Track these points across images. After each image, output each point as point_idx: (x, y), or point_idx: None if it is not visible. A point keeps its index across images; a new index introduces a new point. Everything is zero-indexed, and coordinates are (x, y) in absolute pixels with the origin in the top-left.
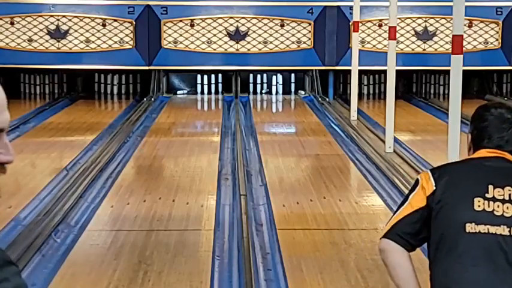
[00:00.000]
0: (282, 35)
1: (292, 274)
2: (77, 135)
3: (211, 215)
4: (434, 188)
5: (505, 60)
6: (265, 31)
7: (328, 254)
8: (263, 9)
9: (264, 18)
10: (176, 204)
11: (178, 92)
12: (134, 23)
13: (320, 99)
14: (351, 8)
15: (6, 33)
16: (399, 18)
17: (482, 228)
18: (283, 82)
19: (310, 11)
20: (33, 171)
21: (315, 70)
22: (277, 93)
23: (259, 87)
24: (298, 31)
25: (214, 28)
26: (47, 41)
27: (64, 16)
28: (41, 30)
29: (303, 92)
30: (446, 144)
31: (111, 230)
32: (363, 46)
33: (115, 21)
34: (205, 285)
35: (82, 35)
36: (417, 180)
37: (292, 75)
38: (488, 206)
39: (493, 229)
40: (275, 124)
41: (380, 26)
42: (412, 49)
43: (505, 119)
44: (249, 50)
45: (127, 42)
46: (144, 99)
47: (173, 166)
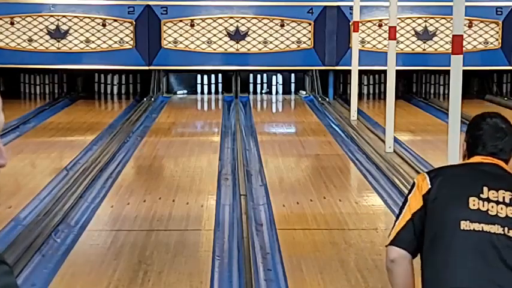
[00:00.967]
0: (282, 35)
1: (292, 274)
2: (77, 135)
3: (211, 215)
4: (430, 186)
5: (505, 60)
6: (265, 31)
7: (328, 254)
8: (263, 9)
9: (264, 18)
10: (176, 204)
11: (178, 92)
12: (134, 23)
13: (320, 99)
14: (351, 8)
15: (6, 33)
16: (399, 18)
17: (476, 226)
18: (283, 82)
19: (310, 11)
20: (33, 171)
21: (315, 70)
22: (277, 93)
23: (259, 87)
24: (298, 31)
25: (214, 28)
26: (47, 41)
27: (64, 16)
28: (41, 30)
29: (303, 92)
30: (446, 144)
31: (111, 230)
32: (363, 46)
33: (115, 21)
34: (205, 285)
35: (82, 35)
36: (414, 182)
37: (292, 75)
38: (483, 205)
39: (487, 227)
40: (275, 124)
41: (380, 26)
42: (412, 49)
43: (499, 128)
44: (249, 50)
45: (127, 42)
46: (144, 99)
47: (173, 166)
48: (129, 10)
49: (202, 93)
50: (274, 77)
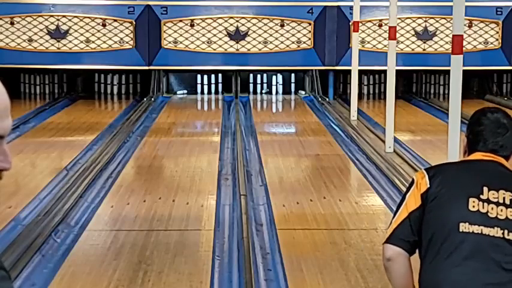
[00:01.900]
0: (282, 35)
1: (292, 274)
2: (77, 135)
3: (211, 215)
4: (429, 186)
5: (505, 60)
6: (265, 31)
7: (328, 254)
8: (263, 9)
9: (264, 18)
10: (176, 204)
11: (178, 92)
12: (134, 23)
13: (320, 99)
14: (351, 8)
15: (6, 33)
16: (399, 18)
17: (475, 229)
18: (283, 82)
19: (310, 11)
20: (33, 171)
21: (315, 70)
22: (277, 93)
23: (259, 87)
24: (298, 31)
25: (214, 28)
26: (47, 41)
27: (64, 16)
28: (41, 30)
29: (303, 92)
30: (446, 144)
31: (111, 230)
32: (363, 46)
33: (115, 21)
34: (205, 285)
35: (82, 35)
36: (412, 180)
37: (292, 75)
38: (483, 207)
39: (486, 230)
40: (275, 124)
41: (380, 26)
42: (412, 49)
43: (500, 124)
44: (249, 50)
45: (127, 42)
46: (144, 99)
47: (173, 166)
48: (129, 10)
49: (202, 93)
50: (274, 77)
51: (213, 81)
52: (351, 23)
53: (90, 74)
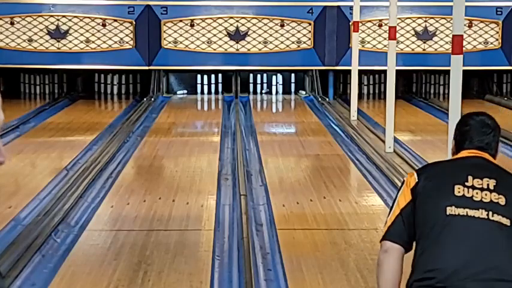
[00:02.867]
0: (282, 35)
1: (292, 274)
2: (77, 135)
3: (211, 215)
4: (417, 180)
5: (505, 60)
6: (265, 31)
7: (328, 254)
8: (263, 9)
9: (264, 18)
10: (176, 204)
11: (178, 92)
12: (134, 23)
13: (320, 99)
14: (351, 8)
15: (6, 33)
16: (399, 18)
17: (461, 211)
18: (283, 82)
19: (310, 11)
20: (33, 171)
21: (315, 70)
22: (277, 93)
23: (259, 87)
24: (298, 31)
25: (214, 28)
26: (47, 41)
27: (64, 16)
28: (41, 30)
29: (303, 92)
30: (447, 144)
31: (111, 230)
32: (363, 46)
33: (115, 21)
34: (205, 285)
35: (82, 35)
36: (404, 180)
37: (292, 75)
38: (468, 192)
39: (471, 212)
40: (275, 124)
41: (380, 26)
42: (412, 49)
43: (485, 124)
44: (249, 50)
45: (127, 42)
46: (144, 99)
47: (173, 166)
48: (129, 10)
49: (202, 93)
50: (274, 77)
51: (213, 81)
52: (351, 23)
53: (90, 74)
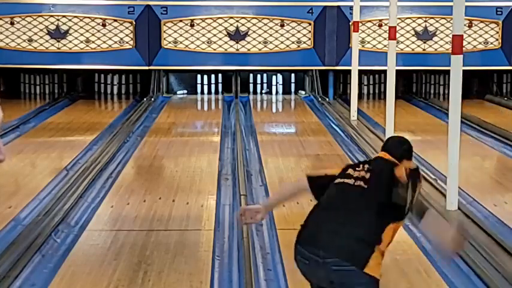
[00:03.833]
0: (282, 35)
1: (292, 274)
2: (77, 135)
3: (211, 215)
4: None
5: (505, 60)
6: (265, 31)
7: None
8: (263, 9)
9: (264, 18)
10: (176, 204)
11: (178, 92)
12: (134, 23)
13: (320, 99)
14: (351, 8)
15: (6, 33)
16: (399, 18)
17: (345, 181)
18: (283, 82)
19: (310, 11)
20: (33, 171)
21: (315, 70)
22: (277, 93)
23: (259, 87)
24: (298, 31)
25: (214, 28)
26: (47, 41)
27: (64, 16)
28: (41, 30)
29: (303, 92)
30: (446, 144)
31: (111, 230)
32: (363, 46)
33: (115, 21)
34: (205, 285)
35: (82, 35)
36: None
37: (292, 75)
38: (354, 172)
39: (346, 180)
40: (275, 124)
41: (380, 26)
42: (412, 49)
43: (398, 142)
44: (249, 50)
45: (127, 42)
46: (144, 99)
47: (173, 166)
48: (129, 10)
49: (202, 93)
50: (274, 77)
51: (213, 81)
52: (351, 23)
53: (90, 74)
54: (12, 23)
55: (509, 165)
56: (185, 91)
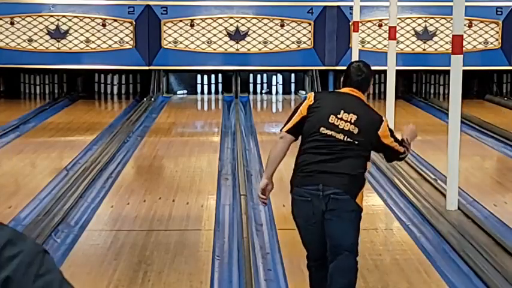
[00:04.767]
0: (282, 35)
1: (292, 274)
2: (77, 135)
3: (211, 215)
4: (313, 101)
5: (505, 60)
6: (265, 31)
7: None
8: (263, 9)
9: (264, 18)
10: (176, 204)
11: (178, 92)
12: (134, 23)
13: None
14: (351, 8)
15: (6, 33)
16: (399, 18)
17: (329, 132)
18: (283, 82)
19: (310, 11)
20: (33, 171)
21: (315, 70)
22: (277, 93)
23: (259, 87)
24: (298, 31)
25: (214, 28)
26: (47, 41)
27: (64, 16)
28: (41, 30)
29: (303, 92)
30: (446, 144)
31: (111, 230)
32: (363, 46)
33: (115, 21)
34: (205, 285)
35: (82, 35)
36: (305, 97)
37: (292, 75)
38: (337, 121)
39: (334, 133)
40: (275, 124)
41: (380, 26)
42: (412, 49)
43: (360, 70)
44: (249, 50)
45: (127, 42)
46: (144, 99)
47: (173, 166)
48: (129, 10)
49: (202, 93)
50: (274, 77)
51: (213, 81)
52: (351, 23)
53: (90, 74)
54: (12, 23)
55: (509, 165)
56: (185, 91)
